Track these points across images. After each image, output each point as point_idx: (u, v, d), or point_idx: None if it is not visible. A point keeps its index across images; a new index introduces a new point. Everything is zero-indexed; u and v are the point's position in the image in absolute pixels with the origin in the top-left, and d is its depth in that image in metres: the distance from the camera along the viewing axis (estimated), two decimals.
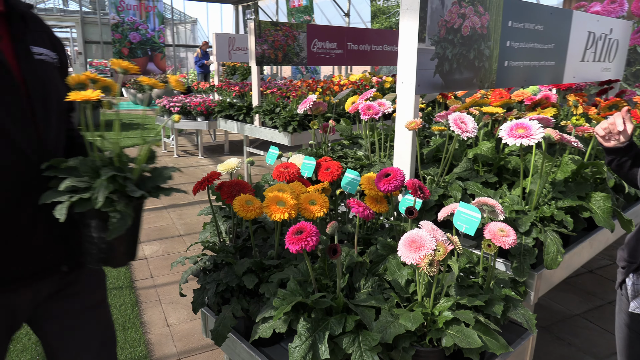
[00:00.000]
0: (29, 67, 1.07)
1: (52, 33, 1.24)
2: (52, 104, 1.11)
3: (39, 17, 1.21)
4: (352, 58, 5.30)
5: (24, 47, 1.09)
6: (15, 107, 1.02)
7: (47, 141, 1.09)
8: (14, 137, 1.02)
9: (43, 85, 1.09)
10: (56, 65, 1.17)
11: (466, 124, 1.52)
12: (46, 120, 1.09)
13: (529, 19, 2.19)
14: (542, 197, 1.55)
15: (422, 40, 1.67)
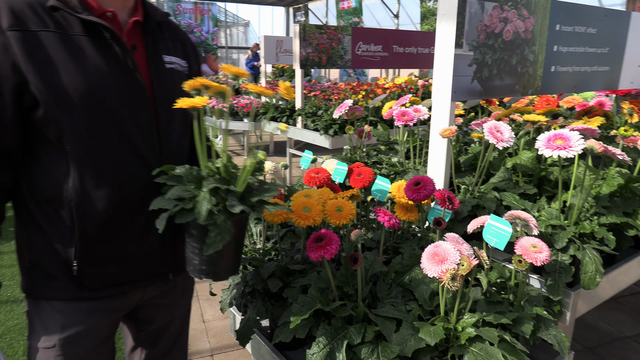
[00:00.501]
0: (158, 77, 1.11)
1: (187, 41, 1.27)
2: (176, 114, 1.12)
3: (176, 24, 1.25)
4: (398, 61, 5.23)
5: (157, 56, 1.12)
6: (142, 117, 1.06)
7: (168, 150, 1.12)
8: (139, 146, 1.05)
9: (170, 95, 1.10)
10: (185, 73, 1.20)
11: (502, 133, 1.47)
12: (169, 130, 1.12)
13: (580, 21, 2.07)
14: (584, 212, 1.47)
15: (460, 45, 1.62)
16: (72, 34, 0.97)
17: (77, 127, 0.97)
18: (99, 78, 0.98)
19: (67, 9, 0.96)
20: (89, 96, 0.96)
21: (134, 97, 1.03)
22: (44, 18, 0.95)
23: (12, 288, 3.15)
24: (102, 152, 1.00)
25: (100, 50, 0.99)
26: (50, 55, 0.94)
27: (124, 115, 1.02)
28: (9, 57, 0.92)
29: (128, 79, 1.02)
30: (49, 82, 0.93)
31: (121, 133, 1.02)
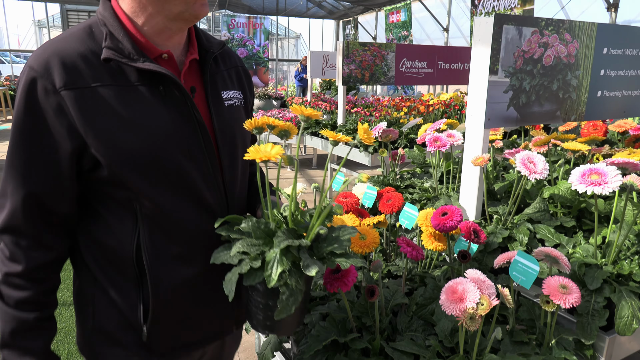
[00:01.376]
0: (220, 119, 1.03)
1: (240, 67, 1.19)
2: (238, 155, 1.07)
3: (229, 51, 1.17)
4: (443, 77, 5.16)
5: (216, 95, 1.05)
6: (207, 166, 0.99)
7: (232, 197, 1.06)
8: (207, 198, 0.99)
9: (231, 136, 1.05)
10: (242, 107, 1.13)
11: (535, 165, 1.42)
12: (233, 175, 1.06)
13: (630, 44, 1.97)
14: (624, 251, 1.38)
15: (495, 72, 1.58)
16: (129, 85, 0.89)
17: (144, 185, 0.91)
18: (162, 132, 0.91)
19: (122, 58, 0.87)
20: (153, 153, 0.90)
21: (198, 147, 0.97)
22: (99, 70, 0.87)
23: (61, 292, 3.35)
24: (170, 209, 0.95)
25: (159, 99, 0.92)
26: (109, 112, 0.86)
27: (189, 167, 0.95)
28: (65, 120, 0.85)
29: (191, 128, 0.95)
30: (111, 143, 0.87)
31: (188, 187, 0.96)
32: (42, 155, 0.87)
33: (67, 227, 0.97)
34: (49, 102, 0.84)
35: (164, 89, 0.93)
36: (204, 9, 0.92)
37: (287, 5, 15.71)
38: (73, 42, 0.88)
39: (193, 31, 1.05)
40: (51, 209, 0.92)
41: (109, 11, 0.92)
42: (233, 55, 1.17)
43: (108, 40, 0.88)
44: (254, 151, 0.80)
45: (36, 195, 0.89)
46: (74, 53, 0.86)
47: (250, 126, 0.90)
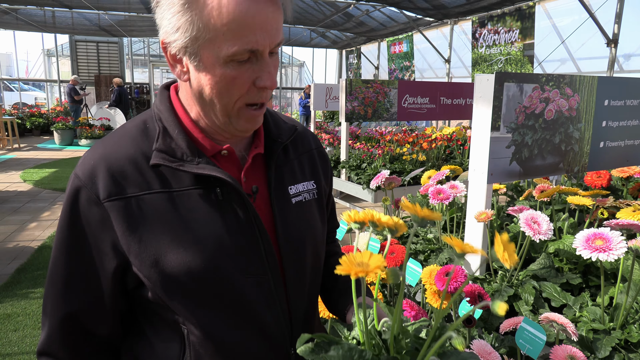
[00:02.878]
0: (285, 222, 0.89)
1: (316, 148, 1.04)
2: (306, 262, 0.93)
3: (302, 133, 1.02)
4: (445, 112, 5.20)
5: (282, 193, 0.91)
6: (268, 283, 0.85)
7: (298, 313, 0.91)
8: (266, 321, 0.85)
9: (298, 241, 0.91)
10: (315, 199, 0.97)
11: (540, 225, 1.41)
12: (300, 288, 0.91)
13: (631, 95, 1.98)
14: (632, 314, 1.36)
15: (497, 128, 1.59)
16: (181, 190, 0.79)
17: (191, 309, 0.80)
18: (215, 244, 0.79)
19: (174, 162, 0.79)
20: (204, 273, 0.78)
21: (258, 260, 0.84)
22: (148, 175, 0.78)
23: None
24: (222, 335, 0.82)
25: (215, 205, 0.81)
26: (155, 225, 0.77)
27: (247, 284, 0.82)
28: (107, 235, 0.77)
29: (251, 237, 0.83)
30: (154, 262, 0.77)
31: (244, 308, 0.83)
32: (82, 273, 0.79)
33: (109, 347, 0.87)
34: (92, 215, 0.77)
35: (221, 192, 0.81)
36: (250, 125, 0.82)
37: (291, 36, 16.02)
38: (124, 143, 0.81)
39: None
40: (91, 331, 0.84)
41: (164, 104, 0.85)
42: (307, 137, 1.03)
43: (160, 140, 0.80)
44: (347, 263, 0.66)
45: (75, 316, 0.81)
46: (122, 158, 0.78)
47: (349, 220, 0.76)
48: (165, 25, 0.74)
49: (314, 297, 0.99)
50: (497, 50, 7.85)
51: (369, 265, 0.63)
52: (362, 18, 11.88)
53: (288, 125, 0.96)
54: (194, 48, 0.74)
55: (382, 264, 0.63)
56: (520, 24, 7.36)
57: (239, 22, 0.70)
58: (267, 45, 0.74)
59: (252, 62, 0.75)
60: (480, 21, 8.41)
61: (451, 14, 9.46)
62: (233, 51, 0.71)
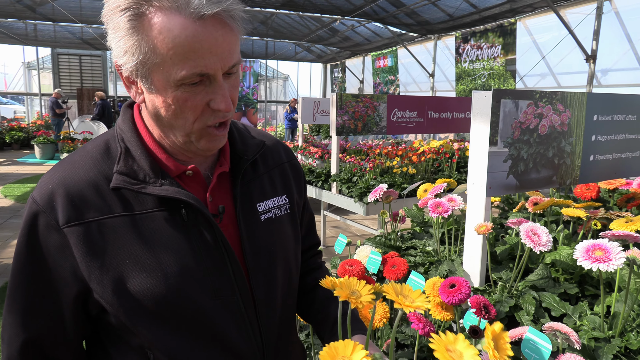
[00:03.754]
0: (252, 241, 0.88)
1: (288, 161, 1.02)
2: (277, 282, 0.91)
3: (271, 147, 1.00)
4: (433, 126, 5.30)
5: (249, 210, 0.89)
6: (235, 302, 0.83)
7: (270, 334, 0.89)
8: (234, 340, 0.83)
9: (267, 260, 0.89)
10: (286, 213, 0.96)
11: (540, 237, 1.45)
12: (269, 306, 0.89)
13: (618, 110, 2.07)
14: (629, 322, 1.40)
15: (494, 143, 1.65)
16: (144, 213, 0.78)
17: (157, 334, 0.78)
18: (180, 270, 0.77)
19: (135, 184, 0.77)
20: (169, 297, 0.76)
21: (226, 281, 0.82)
22: (110, 198, 0.76)
23: None
24: (190, 357, 0.80)
25: (180, 226, 0.79)
26: (118, 251, 0.75)
27: (215, 306, 0.80)
28: (67, 262, 0.75)
29: (218, 261, 0.81)
30: (117, 288, 0.75)
31: (212, 331, 0.81)
32: (41, 300, 0.77)
33: None
34: (51, 241, 0.74)
35: (187, 214, 0.80)
36: (212, 145, 0.80)
37: (276, 50, 16.14)
38: (84, 165, 0.79)
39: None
40: (52, 357, 0.81)
41: (127, 123, 0.83)
42: (279, 151, 1.01)
43: (121, 162, 0.78)
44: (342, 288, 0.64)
45: (35, 342, 0.79)
46: (82, 181, 0.76)
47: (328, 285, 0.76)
48: (114, 47, 0.73)
49: (288, 315, 0.96)
50: (480, 65, 8.05)
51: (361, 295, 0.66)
52: (347, 33, 12.06)
53: (256, 141, 0.94)
54: (144, 72, 0.72)
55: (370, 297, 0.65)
56: (502, 40, 7.58)
57: (186, 47, 0.68)
58: (219, 68, 0.72)
59: (206, 85, 0.73)
60: (463, 37, 8.63)
61: (434, 30, 9.68)
62: (182, 75, 0.70)
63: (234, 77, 0.77)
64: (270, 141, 1.01)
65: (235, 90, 0.78)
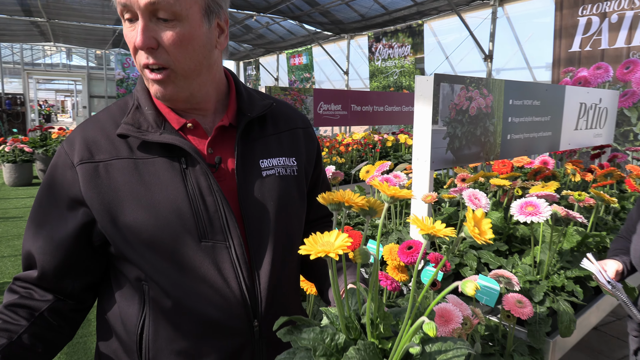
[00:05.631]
0: (247, 193, 0.90)
1: (302, 128, 1.04)
2: (276, 233, 0.92)
3: (284, 111, 1.03)
4: (356, 118, 5.55)
5: (250, 165, 0.92)
6: (228, 248, 0.86)
7: (267, 284, 0.90)
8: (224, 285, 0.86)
9: (264, 212, 0.91)
10: (293, 175, 0.97)
11: (480, 200, 1.68)
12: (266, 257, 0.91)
13: (527, 96, 2.41)
14: (552, 267, 1.68)
15: (436, 122, 1.85)
16: (147, 158, 0.85)
17: (152, 265, 0.84)
18: (170, 208, 0.83)
19: (138, 132, 0.85)
20: (158, 232, 0.83)
21: (218, 226, 0.86)
22: (119, 145, 0.86)
23: None
24: (180, 296, 0.85)
25: (178, 173, 0.85)
26: (120, 187, 0.83)
27: (206, 249, 0.84)
28: (73, 192, 0.84)
29: (210, 206, 0.85)
30: (115, 219, 0.83)
31: (203, 272, 0.84)
32: (49, 226, 0.87)
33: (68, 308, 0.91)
34: (66, 176, 0.85)
35: (185, 161, 0.86)
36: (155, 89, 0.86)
37: None
38: (102, 119, 0.90)
39: (233, 93, 0.97)
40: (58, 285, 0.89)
41: (141, 84, 0.92)
42: (294, 117, 1.04)
43: (130, 115, 0.88)
44: (311, 243, 0.63)
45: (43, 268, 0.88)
46: (98, 130, 0.87)
47: (323, 202, 0.74)
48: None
49: (289, 274, 0.97)
50: (392, 63, 8.56)
51: (333, 245, 0.62)
52: (261, 31, 12.06)
53: (264, 102, 0.98)
54: None
55: (345, 243, 0.61)
56: (411, 40, 8.14)
57: None
58: (136, 1, 0.77)
59: (135, 23, 0.80)
60: (375, 36, 9.10)
61: (348, 29, 10.07)
62: (115, 6, 0.81)
63: (169, 27, 0.79)
64: (284, 106, 1.05)
65: (175, 47, 0.80)
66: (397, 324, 0.74)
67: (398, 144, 5.37)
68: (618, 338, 3.21)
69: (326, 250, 0.61)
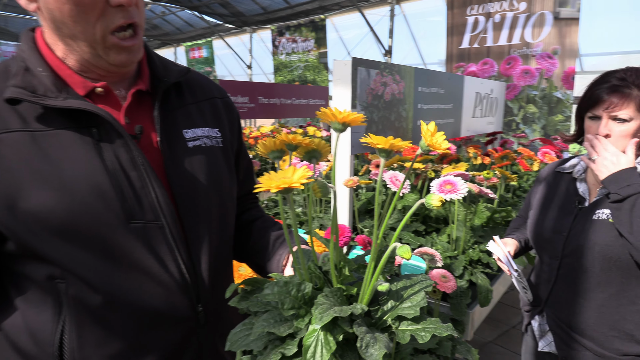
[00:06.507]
0: (177, 164, 0.80)
1: (220, 98, 0.95)
2: (210, 208, 0.84)
3: (201, 79, 0.94)
4: (264, 111, 5.46)
5: (174, 135, 0.82)
6: (159, 227, 0.75)
7: (207, 264, 0.82)
8: (160, 271, 0.75)
9: (196, 185, 0.82)
10: (218, 146, 0.88)
11: (400, 181, 1.71)
12: (202, 234, 0.82)
13: (433, 84, 2.52)
14: (467, 242, 1.77)
15: (354, 106, 1.85)
16: (47, 130, 0.70)
17: (69, 256, 0.70)
18: (88, 188, 0.70)
19: (35, 97, 0.68)
20: (75, 216, 0.69)
21: (147, 204, 0.74)
22: (8, 115, 0.69)
23: None
24: (111, 291, 0.73)
25: (90, 147, 0.71)
26: (14, 165, 0.67)
27: (133, 231, 0.73)
28: None
29: (136, 182, 0.74)
30: (13, 203, 0.67)
31: (132, 257, 0.73)
32: None
33: None
34: None
35: (98, 132, 0.72)
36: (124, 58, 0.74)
37: None
38: None
39: (144, 59, 0.84)
40: None
41: (27, 43, 0.75)
42: (209, 86, 0.94)
43: (19, 77, 0.70)
44: (267, 179, 0.58)
45: None
46: None
47: (266, 149, 0.69)
48: None
49: (224, 253, 0.91)
50: (296, 57, 8.58)
51: (292, 178, 0.57)
52: (156, 21, 11.39)
53: (179, 67, 0.88)
54: None
55: (306, 174, 0.57)
56: (314, 35, 8.23)
57: None
58: None
59: None
60: (278, 30, 9.05)
61: (250, 22, 9.89)
62: None
63: None
64: (197, 75, 0.95)
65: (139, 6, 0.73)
66: (358, 269, 0.72)
67: (307, 136, 5.40)
68: (513, 307, 3.54)
69: (287, 182, 0.55)
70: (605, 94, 1.21)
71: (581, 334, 1.23)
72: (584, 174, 1.33)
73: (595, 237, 1.18)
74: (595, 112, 1.23)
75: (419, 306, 0.65)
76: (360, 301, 0.66)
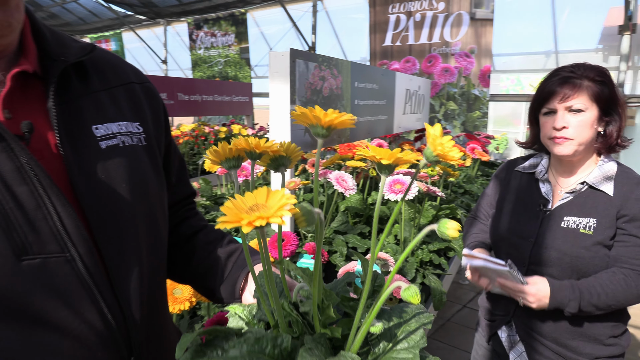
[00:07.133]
0: (90, 178, 0.60)
1: (139, 83, 0.75)
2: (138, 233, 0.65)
3: (115, 59, 0.73)
4: (184, 108, 5.12)
5: (80, 133, 0.61)
6: (70, 269, 0.55)
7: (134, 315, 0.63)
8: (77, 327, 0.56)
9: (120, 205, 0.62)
10: (141, 145, 0.69)
11: (347, 182, 1.60)
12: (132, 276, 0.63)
13: (368, 79, 2.45)
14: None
15: (294, 101, 1.71)
16: None
17: None
18: None
19: None
20: None
21: (46, 232, 0.55)
22: None
23: None
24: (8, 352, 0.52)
25: None
26: None
27: (24, 273, 0.53)
28: None
29: (24, 201, 0.54)
30: None
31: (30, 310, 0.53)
32: None
33: None
34: None
35: None
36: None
37: None
38: None
39: (28, 31, 0.62)
40: None
41: None
42: (123, 67, 0.74)
43: None
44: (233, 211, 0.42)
45: None
46: None
47: (216, 158, 0.54)
48: None
49: (160, 283, 0.73)
50: (216, 52, 8.21)
51: (269, 208, 0.43)
52: (55, 10, 10.34)
53: (80, 43, 0.67)
54: None
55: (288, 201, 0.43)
56: (235, 29, 7.92)
57: None
58: None
59: None
60: (195, 23, 8.61)
61: (164, 14, 9.31)
62: None
63: None
64: (107, 53, 0.74)
65: None
66: (342, 302, 0.59)
67: (232, 135, 5.15)
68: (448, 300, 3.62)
69: (264, 216, 0.40)
70: (558, 86, 1.19)
71: (554, 342, 1.20)
72: (546, 175, 1.30)
73: (565, 247, 1.16)
74: (549, 105, 1.20)
75: (417, 347, 0.54)
76: (349, 348, 0.54)
